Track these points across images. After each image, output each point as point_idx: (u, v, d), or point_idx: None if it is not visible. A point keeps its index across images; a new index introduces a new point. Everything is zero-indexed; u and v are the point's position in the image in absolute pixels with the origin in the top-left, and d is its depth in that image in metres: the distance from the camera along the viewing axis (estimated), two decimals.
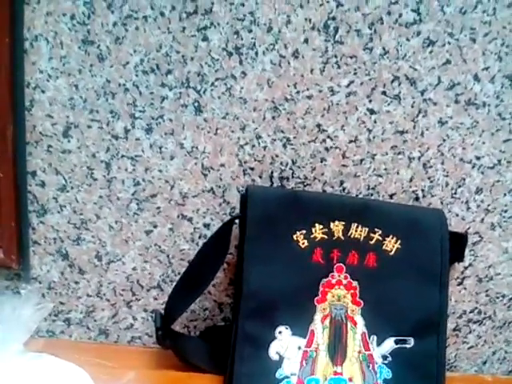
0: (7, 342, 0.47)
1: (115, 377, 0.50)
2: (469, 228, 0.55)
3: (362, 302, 0.49)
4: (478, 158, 0.53)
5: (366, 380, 0.48)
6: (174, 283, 0.51)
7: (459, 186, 0.54)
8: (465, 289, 0.58)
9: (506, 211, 0.55)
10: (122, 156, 0.51)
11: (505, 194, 0.54)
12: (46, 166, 0.52)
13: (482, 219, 0.55)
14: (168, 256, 0.55)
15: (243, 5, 0.47)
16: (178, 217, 0.54)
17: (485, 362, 0.61)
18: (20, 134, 0.50)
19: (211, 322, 0.57)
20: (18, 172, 0.52)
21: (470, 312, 0.59)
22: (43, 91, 0.49)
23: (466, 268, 0.57)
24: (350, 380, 0.48)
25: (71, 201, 0.53)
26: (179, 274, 0.55)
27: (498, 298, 0.58)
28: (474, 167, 0.53)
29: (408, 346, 0.49)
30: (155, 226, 0.54)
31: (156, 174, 0.52)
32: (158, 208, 0.53)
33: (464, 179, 0.53)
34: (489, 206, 0.54)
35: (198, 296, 0.52)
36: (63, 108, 0.50)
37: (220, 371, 0.51)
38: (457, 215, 0.55)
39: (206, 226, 0.54)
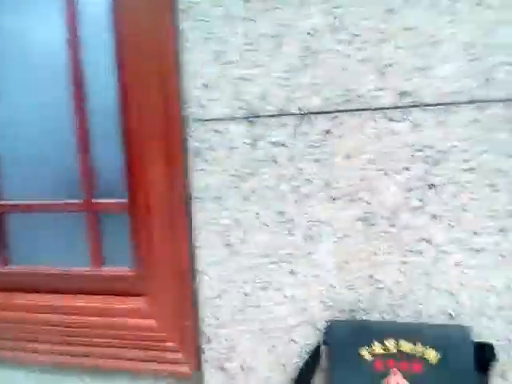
0: None
1: None
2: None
3: None
4: None
5: None
6: None
7: (483, 306, 0.75)
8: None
9: None
10: None
11: None
12: None
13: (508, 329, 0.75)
14: (286, 367, 0.85)
15: None
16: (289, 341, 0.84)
17: None
18: None
19: None
20: None
21: None
22: None
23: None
24: None
25: None
26: None
27: None
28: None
29: None
30: (274, 347, 0.85)
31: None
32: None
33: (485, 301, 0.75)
34: None
35: None
36: None
37: None
38: (485, 328, 0.76)
39: (307, 345, 0.83)
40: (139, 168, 0.88)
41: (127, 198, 0.93)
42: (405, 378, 0.73)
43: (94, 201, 0.99)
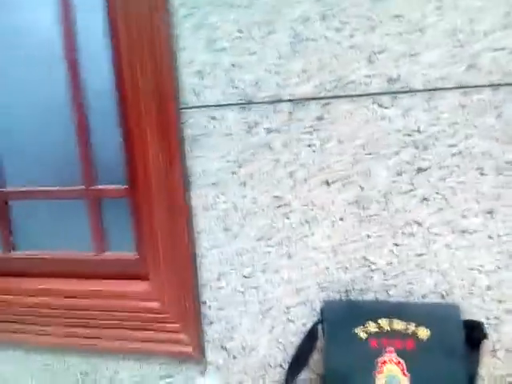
0: None
1: None
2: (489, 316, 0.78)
3: (408, 374, 0.75)
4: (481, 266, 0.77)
5: None
6: (288, 363, 0.84)
7: (473, 285, 0.78)
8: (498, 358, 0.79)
9: None
10: None
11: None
12: None
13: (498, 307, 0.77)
14: (284, 346, 0.88)
15: None
16: (287, 321, 0.87)
17: None
18: None
19: None
20: None
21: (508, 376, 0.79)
22: None
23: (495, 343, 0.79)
24: None
25: None
26: None
27: None
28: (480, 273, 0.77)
29: None
30: (273, 327, 0.88)
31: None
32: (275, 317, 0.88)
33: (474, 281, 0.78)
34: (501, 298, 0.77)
35: (302, 369, 0.84)
36: None
37: None
38: (476, 307, 0.78)
39: (304, 324, 0.86)
40: (137, 155, 0.90)
41: (127, 184, 0.97)
42: (398, 355, 0.76)
43: (94, 187, 1.01)
